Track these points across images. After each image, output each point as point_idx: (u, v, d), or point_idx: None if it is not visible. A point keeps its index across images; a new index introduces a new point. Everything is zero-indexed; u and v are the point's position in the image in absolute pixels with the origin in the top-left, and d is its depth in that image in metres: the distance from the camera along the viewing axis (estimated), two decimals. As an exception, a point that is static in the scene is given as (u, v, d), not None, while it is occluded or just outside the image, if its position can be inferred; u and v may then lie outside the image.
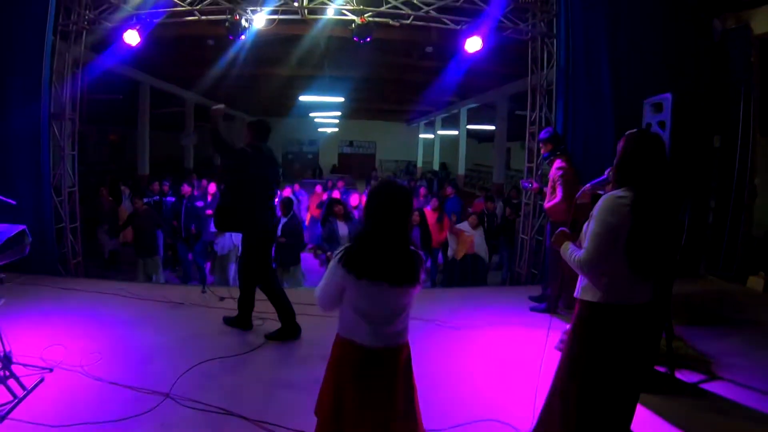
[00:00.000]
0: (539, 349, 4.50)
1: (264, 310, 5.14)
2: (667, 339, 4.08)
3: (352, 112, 25.31)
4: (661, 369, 4.05)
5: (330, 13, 6.82)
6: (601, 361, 2.57)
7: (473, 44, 6.74)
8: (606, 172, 2.93)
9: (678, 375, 4.04)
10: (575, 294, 2.70)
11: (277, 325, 4.81)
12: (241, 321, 4.92)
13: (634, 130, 2.66)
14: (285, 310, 4.71)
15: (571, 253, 2.60)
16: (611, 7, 6.73)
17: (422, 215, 8.10)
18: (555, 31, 6.91)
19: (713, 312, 5.69)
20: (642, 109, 4.96)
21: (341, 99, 17.03)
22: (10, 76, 6.34)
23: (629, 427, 2.77)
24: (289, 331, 4.70)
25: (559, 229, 2.80)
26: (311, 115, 24.24)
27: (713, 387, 3.91)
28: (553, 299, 5.63)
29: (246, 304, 4.88)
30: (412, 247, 2.41)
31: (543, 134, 5.80)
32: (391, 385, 2.40)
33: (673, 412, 3.48)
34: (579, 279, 2.71)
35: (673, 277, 4.29)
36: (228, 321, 5.00)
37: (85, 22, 6.80)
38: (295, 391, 3.68)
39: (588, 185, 3.32)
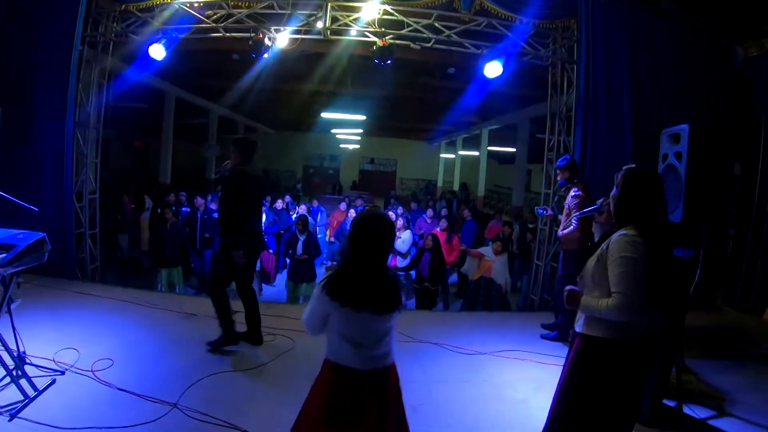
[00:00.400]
0: (546, 377, 4.50)
1: (275, 326, 5.25)
2: (677, 372, 4.01)
3: (374, 129, 25.43)
4: (670, 403, 3.98)
5: (352, 34, 6.93)
6: (601, 394, 2.55)
7: (493, 69, 6.77)
8: (598, 203, 2.92)
9: (687, 410, 3.96)
10: (577, 328, 2.67)
11: (287, 341, 4.92)
12: (229, 337, 4.82)
13: (631, 165, 2.70)
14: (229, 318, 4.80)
15: (599, 305, 2.49)
16: (632, 34, 6.75)
17: (436, 240, 8.12)
18: (576, 57, 6.92)
19: (728, 345, 5.59)
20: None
21: (363, 117, 17.17)
22: (39, 85, 6.53)
23: None
24: (229, 339, 4.77)
25: (567, 289, 2.72)
26: (333, 131, 24.47)
27: (722, 424, 3.83)
28: (564, 328, 5.60)
29: (225, 315, 4.81)
30: (392, 272, 2.51)
31: (560, 161, 5.78)
32: (382, 407, 2.43)
33: None
34: (579, 314, 2.69)
35: (686, 309, 4.22)
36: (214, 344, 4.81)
37: (113, 35, 7.03)
38: (299, 407, 3.67)
39: (579, 214, 3.30)
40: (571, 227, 5.34)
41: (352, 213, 10.72)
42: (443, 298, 8.93)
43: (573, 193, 5.48)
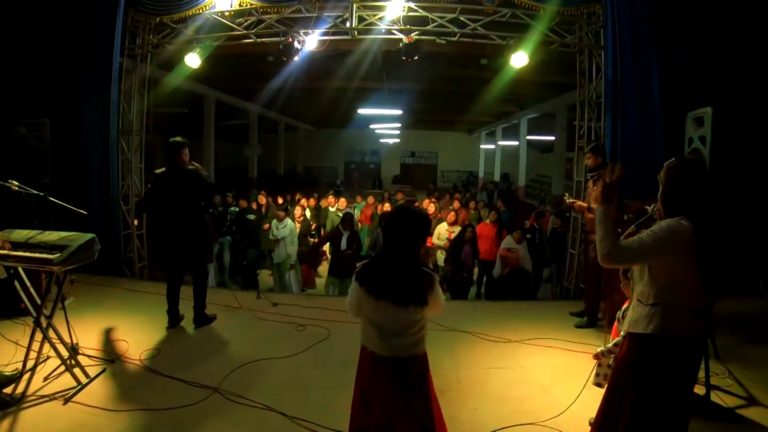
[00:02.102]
0: (573, 364, 4.55)
1: (312, 317, 5.51)
2: (705, 360, 3.86)
3: (413, 123, 25.44)
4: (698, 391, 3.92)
5: (379, 32, 7.08)
6: (654, 396, 2.48)
7: (519, 59, 6.78)
8: (649, 209, 2.88)
9: (715, 398, 3.88)
10: (625, 328, 2.64)
11: (323, 331, 5.20)
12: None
13: (673, 159, 2.62)
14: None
15: (608, 232, 2.44)
16: (660, 16, 6.58)
17: (474, 233, 8.17)
18: (603, 43, 6.83)
19: (765, 333, 5.38)
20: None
21: (399, 112, 17.26)
22: (82, 97, 6.96)
23: None
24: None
25: (605, 184, 2.57)
26: (371, 126, 24.63)
27: (751, 413, 3.72)
28: (590, 311, 5.62)
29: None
30: (420, 267, 2.54)
31: (591, 147, 5.66)
32: (403, 394, 2.53)
33: None
34: (631, 314, 2.62)
35: (717, 294, 4.12)
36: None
37: (150, 46, 7.39)
38: (333, 392, 3.84)
39: (632, 228, 3.24)
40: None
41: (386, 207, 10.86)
42: (477, 288, 8.98)
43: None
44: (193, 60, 7.04)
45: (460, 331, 5.36)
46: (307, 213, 10.27)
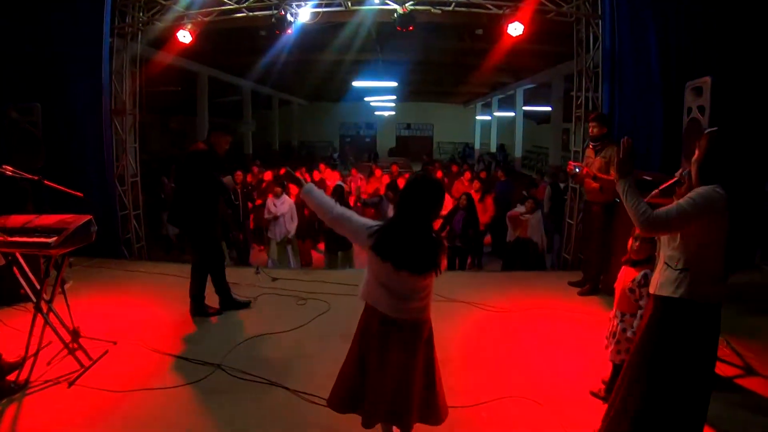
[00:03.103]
0: (576, 332, 4.59)
1: (312, 290, 5.52)
2: None
3: (408, 95, 25.28)
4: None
5: (374, 2, 6.97)
6: (677, 360, 2.50)
7: (515, 29, 6.70)
8: (677, 174, 2.87)
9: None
10: (650, 291, 2.65)
11: (322, 305, 5.19)
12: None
13: (714, 129, 2.62)
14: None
15: (638, 201, 2.45)
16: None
17: (470, 199, 8.16)
18: (600, 12, 6.73)
19: (763, 304, 5.41)
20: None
21: (394, 84, 17.11)
22: (73, 79, 6.82)
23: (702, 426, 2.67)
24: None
25: (625, 153, 2.55)
26: (366, 99, 24.42)
27: (749, 383, 3.77)
28: (592, 279, 5.67)
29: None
30: (433, 235, 2.58)
31: (597, 116, 5.58)
32: (411, 354, 2.58)
33: None
34: (659, 277, 2.60)
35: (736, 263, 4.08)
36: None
37: (140, 24, 7.25)
38: (335, 365, 3.84)
39: (656, 191, 3.21)
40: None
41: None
42: (476, 258, 9.00)
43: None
44: (184, 36, 6.90)
45: (459, 301, 5.40)
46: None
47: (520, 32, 6.72)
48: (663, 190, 2.98)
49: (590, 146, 5.66)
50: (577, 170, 5.63)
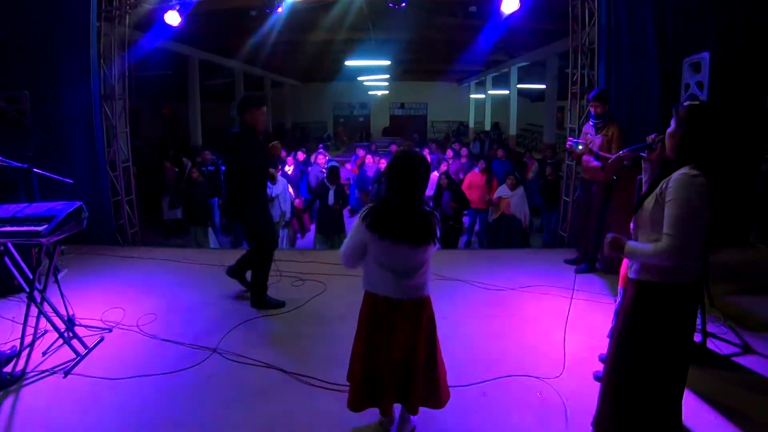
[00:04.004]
0: (574, 311, 4.58)
1: (308, 271, 5.55)
2: (701, 307, 3.90)
3: (401, 74, 25.00)
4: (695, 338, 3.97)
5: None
6: (658, 341, 2.49)
7: (509, 5, 6.62)
8: (649, 138, 2.80)
9: (711, 345, 3.94)
10: (631, 275, 2.60)
11: (319, 285, 5.23)
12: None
13: (695, 102, 2.50)
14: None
15: (647, 250, 2.37)
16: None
17: (449, 179, 8.15)
18: (596, -13, 6.60)
19: (758, 282, 5.41)
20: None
21: (387, 62, 16.94)
22: (61, 66, 6.69)
23: (680, 405, 2.68)
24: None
25: (609, 236, 2.53)
26: (360, 78, 24.20)
27: (746, 361, 3.78)
28: (588, 257, 5.69)
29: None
30: (427, 208, 2.62)
31: (593, 93, 5.51)
32: (414, 335, 2.64)
33: (700, 383, 3.37)
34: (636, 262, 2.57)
35: (711, 243, 4.08)
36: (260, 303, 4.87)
37: (127, 6, 7.09)
38: (331, 346, 3.92)
39: (626, 150, 3.18)
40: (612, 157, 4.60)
41: (369, 159, 10.80)
42: (478, 236, 9.02)
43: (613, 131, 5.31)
44: (172, 17, 6.77)
45: (455, 279, 5.43)
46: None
47: (515, 8, 6.61)
48: (632, 150, 2.98)
49: (590, 124, 5.61)
50: (581, 147, 5.55)
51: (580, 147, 5.51)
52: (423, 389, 2.71)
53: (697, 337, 3.94)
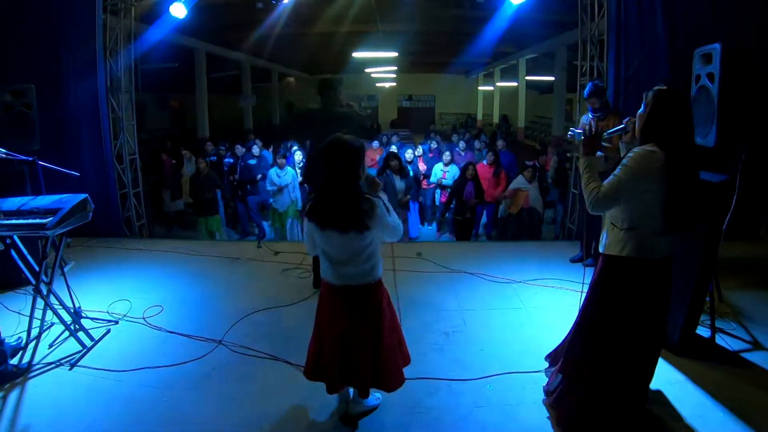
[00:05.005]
0: (578, 303, 4.56)
1: (307, 263, 5.55)
2: (710, 303, 3.91)
3: (409, 66, 24.87)
4: (703, 333, 3.93)
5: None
6: (624, 314, 2.63)
7: (517, -4, 6.54)
8: (624, 122, 2.88)
9: (720, 341, 3.90)
10: (600, 249, 2.75)
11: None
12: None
13: (663, 87, 2.62)
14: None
15: (590, 179, 2.63)
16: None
17: (475, 170, 8.07)
18: (605, -23, 6.50)
19: (767, 277, 5.33)
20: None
21: (395, 54, 16.87)
22: (67, 59, 6.67)
23: (648, 384, 2.81)
24: None
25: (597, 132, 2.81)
26: (367, 70, 24.11)
27: (755, 357, 3.73)
28: (589, 251, 5.64)
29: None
30: (360, 195, 2.57)
31: (586, 91, 5.46)
32: (356, 319, 2.70)
33: (708, 379, 3.37)
34: (603, 235, 2.75)
35: (719, 237, 4.05)
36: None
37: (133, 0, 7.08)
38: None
39: (607, 134, 3.27)
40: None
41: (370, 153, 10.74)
42: (486, 230, 8.95)
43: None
44: (178, 10, 6.75)
45: (463, 272, 5.43)
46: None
47: (523, 0, 6.53)
48: (610, 133, 3.15)
49: (590, 117, 5.54)
50: (582, 137, 5.46)
51: (582, 137, 5.43)
52: (369, 372, 2.74)
53: (706, 333, 3.92)
